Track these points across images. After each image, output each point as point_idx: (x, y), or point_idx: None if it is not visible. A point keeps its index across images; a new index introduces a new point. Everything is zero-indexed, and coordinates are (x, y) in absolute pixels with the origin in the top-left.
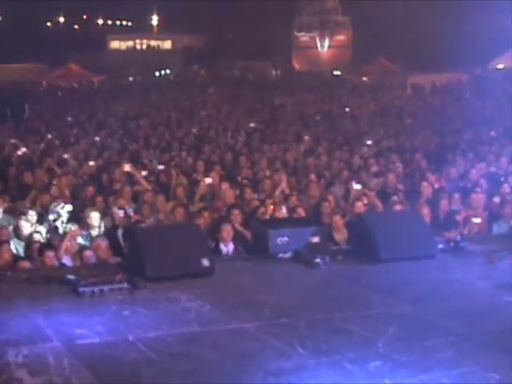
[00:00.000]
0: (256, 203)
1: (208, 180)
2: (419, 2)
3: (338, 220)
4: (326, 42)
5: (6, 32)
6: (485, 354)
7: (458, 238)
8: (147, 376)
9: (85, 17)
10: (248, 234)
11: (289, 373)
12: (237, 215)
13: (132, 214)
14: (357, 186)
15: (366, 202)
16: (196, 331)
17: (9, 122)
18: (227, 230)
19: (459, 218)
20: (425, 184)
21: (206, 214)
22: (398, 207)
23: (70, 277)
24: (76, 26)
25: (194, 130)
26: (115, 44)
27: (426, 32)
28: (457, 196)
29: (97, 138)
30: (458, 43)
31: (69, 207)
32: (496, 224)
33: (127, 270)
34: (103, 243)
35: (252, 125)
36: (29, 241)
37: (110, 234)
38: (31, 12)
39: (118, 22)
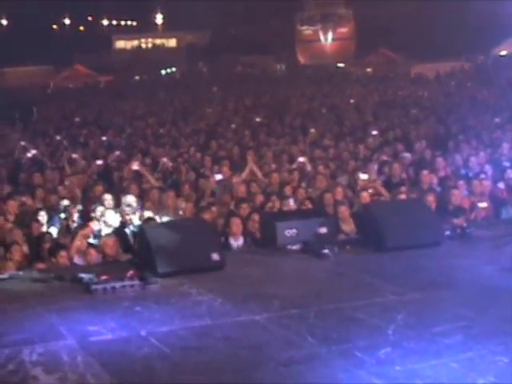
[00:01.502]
0: (263, 197)
1: (218, 176)
2: None
3: (344, 210)
4: (329, 35)
5: (12, 35)
6: (493, 338)
7: (465, 224)
8: (160, 370)
9: (90, 18)
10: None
11: (300, 363)
12: (245, 209)
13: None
14: (363, 177)
15: (372, 191)
16: (207, 324)
17: (18, 124)
18: (236, 224)
19: (465, 204)
20: (425, 172)
21: (213, 208)
22: (403, 196)
23: (83, 275)
24: (81, 28)
25: (202, 126)
26: (121, 44)
27: (427, 21)
28: (462, 183)
29: (104, 138)
30: (459, 31)
31: (79, 206)
32: (504, 209)
33: (138, 266)
34: (110, 241)
35: (258, 119)
36: (40, 241)
37: (119, 231)
38: (37, 15)
39: (122, 22)
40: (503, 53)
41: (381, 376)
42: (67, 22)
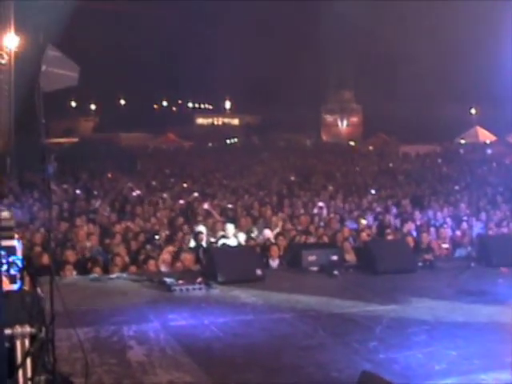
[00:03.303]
0: (294, 233)
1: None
2: (408, 94)
3: (347, 245)
4: (345, 122)
5: (127, 111)
6: (447, 338)
7: (432, 258)
8: (216, 348)
9: (180, 101)
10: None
11: (313, 348)
12: (282, 240)
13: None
14: (363, 222)
15: (369, 233)
16: (251, 318)
17: (125, 171)
18: (274, 250)
19: (433, 244)
20: (407, 222)
21: (258, 239)
22: (390, 237)
23: (166, 279)
24: (174, 108)
25: (252, 180)
26: (200, 120)
27: (411, 115)
28: (432, 230)
29: (185, 185)
30: (434, 124)
31: (166, 232)
32: (459, 250)
33: (205, 275)
34: (189, 256)
35: (292, 178)
36: (137, 253)
37: (194, 250)
38: (144, 97)
39: (202, 106)
40: (462, 141)
41: (370, 361)
42: (164, 103)
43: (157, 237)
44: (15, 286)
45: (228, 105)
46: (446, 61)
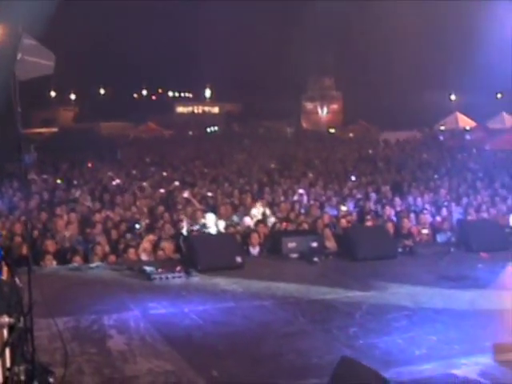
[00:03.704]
0: (274, 220)
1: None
2: (391, 81)
3: (327, 232)
4: (325, 110)
5: (106, 100)
6: (426, 323)
7: (412, 244)
8: (196, 336)
9: (160, 90)
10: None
11: (293, 335)
12: (262, 227)
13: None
14: (343, 208)
15: (349, 219)
16: (231, 306)
17: (106, 160)
18: (255, 238)
19: (413, 230)
20: (387, 208)
21: (238, 227)
22: (370, 223)
23: (146, 267)
24: (153, 97)
25: (233, 168)
26: (180, 109)
27: (393, 103)
28: (412, 215)
29: (165, 173)
30: (414, 111)
31: (146, 220)
32: (439, 235)
33: (185, 263)
34: (169, 245)
35: (273, 165)
36: (117, 242)
37: (174, 238)
38: (123, 86)
39: (182, 94)
40: (442, 128)
41: (350, 347)
42: (144, 92)
43: (137, 226)
44: None
45: (208, 93)
46: (426, 48)
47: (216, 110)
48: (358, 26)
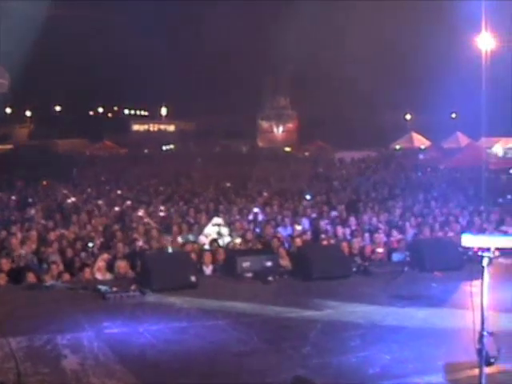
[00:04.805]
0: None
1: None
2: (344, 101)
3: (282, 251)
4: (280, 128)
5: (63, 117)
6: (381, 342)
7: (366, 263)
8: (150, 355)
9: (116, 108)
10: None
11: (247, 355)
12: (216, 247)
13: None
14: (298, 227)
15: (304, 238)
16: (185, 325)
17: (61, 178)
18: (208, 257)
19: (368, 249)
20: (339, 228)
21: (195, 245)
22: (325, 242)
23: (100, 286)
24: (110, 114)
25: (188, 187)
26: (136, 127)
27: (348, 122)
28: (366, 235)
29: (119, 192)
30: (369, 130)
31: (101, 239)
32: (394, 254)
33: (139, 282)
34: (123, 263)
35: (228, 184)
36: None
37: (129, 257)
38: (80, 104)
39: (138, 112)
40: (397, 147)
41: (303, 367)
42: (100, 110)
43: (90, 244)
44: None
45: (164, 111)
46: (381, 67)
47: (172, 128)
48: (313, 48)
